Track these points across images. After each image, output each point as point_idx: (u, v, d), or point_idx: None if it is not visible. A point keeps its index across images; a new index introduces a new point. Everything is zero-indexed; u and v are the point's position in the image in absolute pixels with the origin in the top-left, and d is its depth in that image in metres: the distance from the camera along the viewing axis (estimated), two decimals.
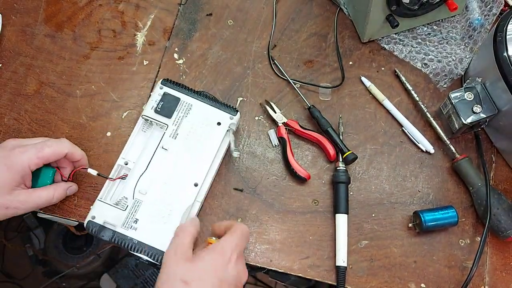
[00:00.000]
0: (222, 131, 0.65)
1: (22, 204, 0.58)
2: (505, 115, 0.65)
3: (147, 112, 0.65)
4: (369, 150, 0.71)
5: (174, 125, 0.65)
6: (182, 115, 0.66)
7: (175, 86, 0.67)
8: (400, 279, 0.65)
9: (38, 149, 0.58)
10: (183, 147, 0.64)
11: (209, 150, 0.65)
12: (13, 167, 0.56)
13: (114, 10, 0.78)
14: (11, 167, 0.56)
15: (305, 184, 0.69)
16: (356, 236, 0.67)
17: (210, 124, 0.66)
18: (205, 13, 0.79)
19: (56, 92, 0.73)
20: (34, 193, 0.59)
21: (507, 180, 0.70)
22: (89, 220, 0.61)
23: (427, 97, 0.74)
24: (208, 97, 0.67)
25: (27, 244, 1.30)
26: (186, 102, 0.66)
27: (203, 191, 0.65)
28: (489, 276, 0.66)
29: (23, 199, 0.57)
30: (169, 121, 0.65)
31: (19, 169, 0.57)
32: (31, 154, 0.57)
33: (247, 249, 0.66)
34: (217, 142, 0.65)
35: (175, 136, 0.65)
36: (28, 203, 0.58)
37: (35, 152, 0.57)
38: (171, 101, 0.66)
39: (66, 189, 0.62)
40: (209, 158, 0.64)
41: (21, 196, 0.57)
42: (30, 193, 0.58)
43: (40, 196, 0.59)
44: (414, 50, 0.76)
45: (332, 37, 0.78)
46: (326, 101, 0.74)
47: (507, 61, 0.61)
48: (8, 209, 0.57)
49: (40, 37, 0.76)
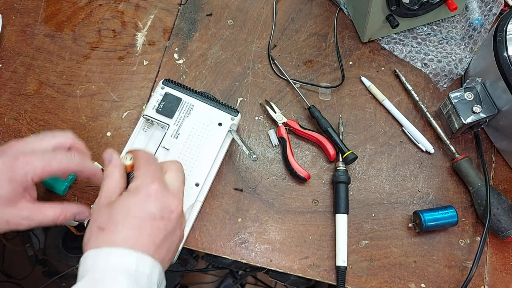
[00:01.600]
0: (223, 131, 0.65)
1: (24, 220, 0.52)
2: (505, 115, 0.65)
3: (148, 112, 0.66)
4: (369, 150, 0.71)
5: (175, 125, 0.65)
6: (183, 115, 0.66)
7: (176, 86, 0.67)
8: (400, 279, 0.65)
9: (46, 162, 0.51)
10: (184, 147, 0.64)
11: (210, 150, 0.65)
12: (15, 179, 0.50)
13: (114, 10, 0.78)
14: (12, 179, 0.50)
15: (305, 184, 0.69)
16: (356, 236, 0.67)
17: (211, 124, 0.66)
18: (205, 13, 0.79)
19: (56, 92, 0.73)
20: (39, 210, 0.53)
21: (507, 180, 0.70)
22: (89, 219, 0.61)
23: (427, 97, 0.74)
24: (210, 98, 0.67)
25: (27, 244, 1.30)
26: (187, 103, 0.66)
27: (204, 191, 0.65)
28: (489, 276, 0.66)
29: (26, 215, 0.52)
30: (170, 121, 0.65)
31: (21, 182, 0.51)
32: (37, 167, 0.51)
33: (247, 249, 0.66)
34: (218, 142, 0.65)
35: (176, 136, 0.65)
36: (31, 220, 0.52)
37: (41, 165, 0.51)
38: (173, 101, 0.66)
39: (76, 213, 0.56)
40: (210, 158, 0.64)
41: (24, 212, 0.52)
42: (35, 209, 0.52)
43: (45, 215, 0.53)
44: (414, 50, 0.76)
45: (332, 37, 0.78)
46: (326, 101, 0.74)
47: (507, 61, 0.61)
48: (9, 224, 0.51)
49: (40, 37, 0.76)
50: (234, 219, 0.67)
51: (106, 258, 0.45)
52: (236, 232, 0.66)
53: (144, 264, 0.46)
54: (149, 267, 0.46)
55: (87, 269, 0.45)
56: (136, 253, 0.46)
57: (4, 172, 0.50)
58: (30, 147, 0.53)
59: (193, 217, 0.64)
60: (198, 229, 0.66)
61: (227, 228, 0.66)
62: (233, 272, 1.31)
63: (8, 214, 0.51)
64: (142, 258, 0.46)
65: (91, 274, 0.44)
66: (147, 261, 0.46)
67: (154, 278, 0.46)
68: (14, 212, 0.51)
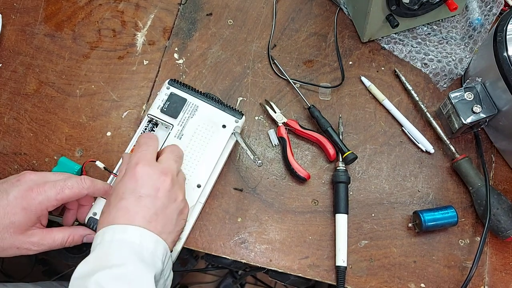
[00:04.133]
0: (227, 134, 0.65)
1: (34, 246, 0.54)
2: (505, 115, 0.65)
3: (153, 111, 0.65)
4: (369, 150, 0.71)
5: (179, 126, 0.65)
6: (188, 116, 0.66)
7: (181, 87, 0.67)
8: (400, 279, 0.65)
9: (58, 190, 0.54)
10: (188, 147, 0.64)
11: (213, 152, 0.65)
12: (29, 209, 0.53)
13: (114, 10, 0.78)
14: (27, 208, 0.53)
15: (305, 184, 0.69)
16: (355, 236, 0.67)
17: (216, 126, 0.66)
18: (205, 13, 0.79)
19: (56, 91, 0.73)
20: (48, 235, 0.55)
21: (507, 180, 0.70)
22: (90, 216, 0.61)
23: (427, 97, 0.74)
24: (215, 100, 0.67)
25: None
26: (192, 103, 0.66)
27: (205, 192, 0.65)
28: (489, 276, 0.66)
29: (36, 241, 0.54)
30: (174, 121, 0.65)
31: (35, 211, 0.54)
32: (50, 196, 0.54)
33: (247, 249, 0.66)
34: (222, 144, 0.65)
35: (180, 137, 0.65)
36: (41, 245, 0.55)
37: (54, 194, 0.54)
38: (178, 102, 0.66)
39: (83, 236, 0.59)
40: (213, 160, 0.64)
41: (34, 238, 0.54)
42: (44, 235, 0.55)
43: (54, 239, 0.56)
44: (414, 50, 0.76)
45: (332, 37, 0.78)
46: (326, 101, 0.74)
47: (507, 61, 0.61)
48: (19, 249, 0.54)
49: (40, 37, 0.76)
50: (234, 219, 0.67)
51: (112, 234, 0.50)
52: (236, 232, 0.66)
53: (148, 240, 0.50)
54: (153, 243, 0.50)
55: (96, 244, 0.50)
56: (139, 230, 0.50)
57: (19, 201, 0.53)
58: (44, 178, 0.56)
59: (194, 218, 0.64)
60: (198, 229, 0.66)
61: (227, 228, 0.66)
62: (233, 272, 1.31)
63: (20, 241, 0.54)
64: (145, 235, 0.50)
65: (99, 247, 0.49)
66: (150, 237, 0.50)
67: (159, 253, 0.50)
68: (25, 239, 0.54)
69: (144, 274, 0.47)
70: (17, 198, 0.53)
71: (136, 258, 0.47)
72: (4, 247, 0.53)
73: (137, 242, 0.49)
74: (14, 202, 0.53)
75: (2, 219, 0.52)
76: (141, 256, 0.48)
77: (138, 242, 0.49)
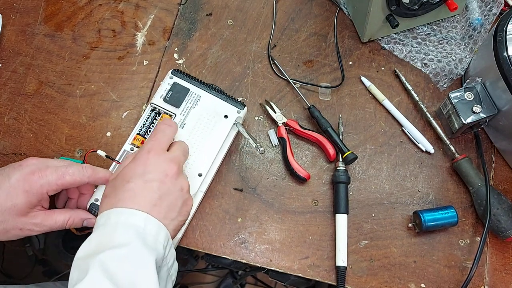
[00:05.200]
0: (229, 124, 0.66)
1: (36, 227, 0.56)
2: (505, 115, 0.65)
3: (156, 101, 0.66)
4: (369, 150, 0.71)
5: (182, 115, 0.66)
6: (190, 106, 0.66)
7: (184, 77, 0.67)
8: (400, 279, 0.65)
9: (59, 175, 0.56)
10: (190, 137, 0.65)
11: (215, 141, 0.65)
12: (31, 191, 0.55)
13: (114, 10, 0.78)
14: (28, 191, 0.54)
15: (305, 184, 0.69)
16: (356, 236, 0.67)
17: (218, 116, 0.66)
18: (205, 13, 0.79)
19: (56, 92, 0.73)
20: (50, 217, 0.57)
21: (507, 180, 0.70)
22: (92, 202, 0.61)
23: (427, 97, 0.74)
24: (217, 90, 0.68)
25: (27, 244, 1.30)
26: (195, 93, 0.67)
27: (206, 181, 0.65)
28: (489, 276, 0.66)
29: (38, 222, 0.56)
30: (177, 111, 0.66)
31: (36, 194, 0.55)
32: (51, 180, 0.55)
33: (247, 249, 0.66)
34: (223, 134, 0.66)
35: (182, 126, 0.65)
36: (43, 226, 0.57)
37: (55, 179, 0.55)
38: (180, 91, 0.66)
39: (84, 219, 0.60)
40: (214, 150, 0.65)
41: (36, 219, 0.56)
42: (46, 216, 0.57)
43: (56, 220, 0.57)
44: (414, 50, 0.76)
45: (332, 37, 0.78)
46: (326, 101, 0.74)
47: (507, 61, 0.61)
48: (22, 231, 0.56)
49: (39, 37, 0.76)
50: (234, 219, 0.67)
51: (118, 216, 0.50)
52: (236, 232, 0.66)
53: (151, 225, 0.50)
54: (156, 228, 0.50)
55: (100, 225, 0.50)
56: (143, 214, 0.50)
57: (21, 183, 0.54)
58: (47, 163, 0.57)
59: (195, 206, 0.64)
60: (198, 229, 0.66)
61: (227, 228, 0.66)
62: (233, 272, 1.31)
63: (22, 222, 0.55)
64: (149, 219, 0.50)
65: (103, 227, 0.49)
66: (154, 222, 0.50)
67: (161, 238, 0.50)
68: (27, 220, 0.55)
69: (146, 257, 0.47)
70: (19, 181, 0.54)
71: (140, 241, 0.48)
72: (7, 228, 0.54)
73: (141, 225, 0.49)
74: (16, 185, 0.54)
75: (5, 201, 0.54)
76: (145, 240, 0.49)
77: (142, 226, 0.49)
